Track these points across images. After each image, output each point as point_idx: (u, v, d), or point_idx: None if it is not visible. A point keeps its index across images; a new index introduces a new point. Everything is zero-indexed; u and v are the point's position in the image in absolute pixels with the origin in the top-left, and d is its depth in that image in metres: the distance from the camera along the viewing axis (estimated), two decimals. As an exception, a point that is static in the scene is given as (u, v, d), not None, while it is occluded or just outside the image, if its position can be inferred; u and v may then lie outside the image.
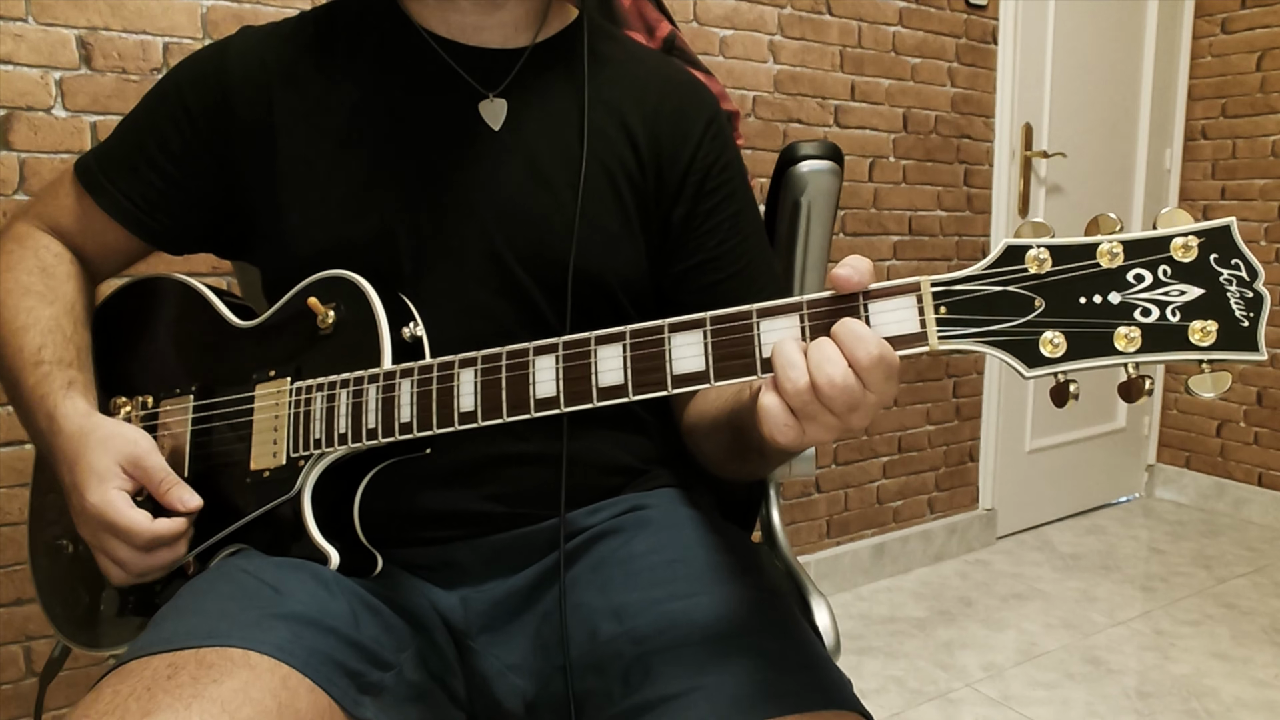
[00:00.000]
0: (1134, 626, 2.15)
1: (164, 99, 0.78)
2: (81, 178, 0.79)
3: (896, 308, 0.52)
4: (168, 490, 0.69)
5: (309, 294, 0.72)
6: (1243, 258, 0.48)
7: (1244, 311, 0.47)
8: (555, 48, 0.80)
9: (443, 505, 0.74)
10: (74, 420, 0.71)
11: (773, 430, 0.53)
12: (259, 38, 0.78)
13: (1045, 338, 0.49)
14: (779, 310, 0.54)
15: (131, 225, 0.79)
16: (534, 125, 0.77)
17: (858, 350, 0.50)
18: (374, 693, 0.62)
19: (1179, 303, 0.48)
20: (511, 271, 0.74)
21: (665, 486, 0.82)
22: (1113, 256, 0.49)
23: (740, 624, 0.66)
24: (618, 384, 0.58)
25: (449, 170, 0.75)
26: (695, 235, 0.80)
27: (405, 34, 0.77)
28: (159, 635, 0.59)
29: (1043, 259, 0.50)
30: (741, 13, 2.04)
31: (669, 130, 0.79)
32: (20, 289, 0.76)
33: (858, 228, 2.30)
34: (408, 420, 0.65)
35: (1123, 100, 2.80)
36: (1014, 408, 2.67)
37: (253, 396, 0.73)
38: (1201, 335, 0.47)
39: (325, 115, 0.75)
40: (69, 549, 0.80)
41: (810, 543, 2.33)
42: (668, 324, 0.57)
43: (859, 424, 0.53)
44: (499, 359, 0.62)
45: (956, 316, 0.51)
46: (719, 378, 0.55)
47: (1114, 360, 0.49)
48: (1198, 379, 0.48)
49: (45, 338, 0.74)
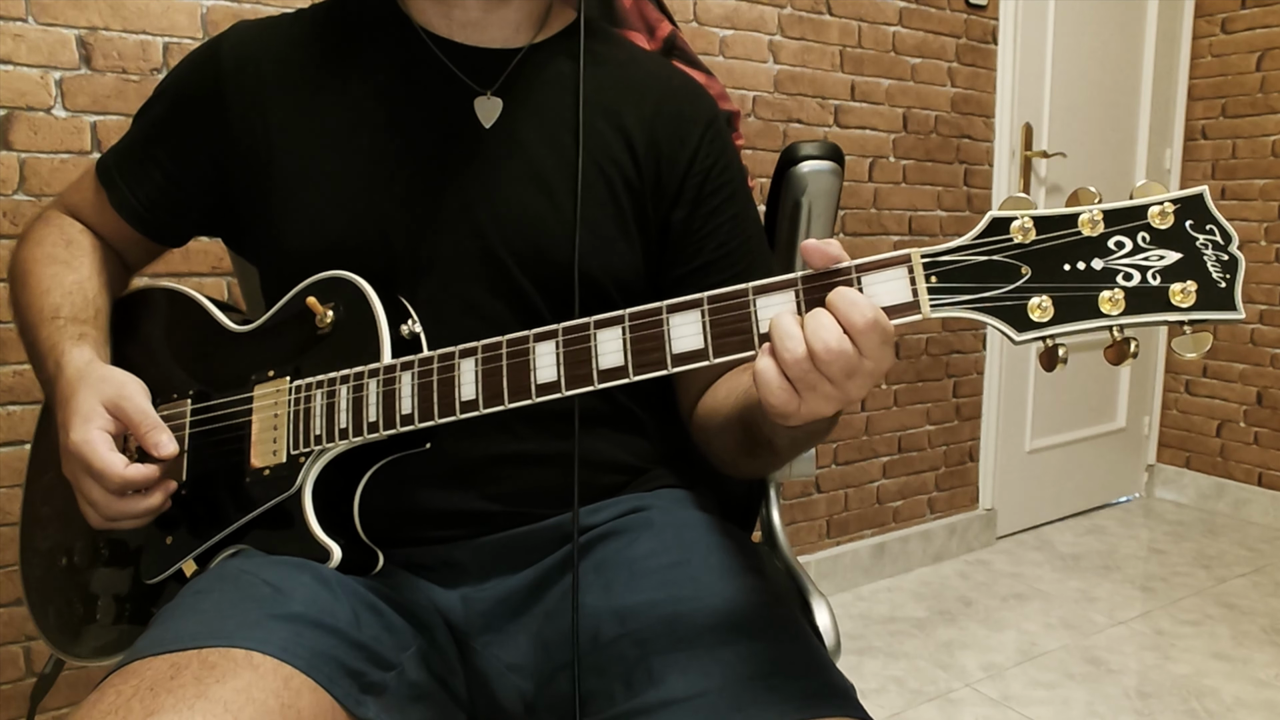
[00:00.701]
0: (1134, 626, 2.15)
1: (163, 94, 0.80)
2: (100, 174, 0.82)
3: (889, 279, 0.53)
4: (146, 432, 0.69)
5: (307, 295, 0.72)
6: (1216, 223, 0.49)
7: (1221, 273, 0.49)
8: (553, 48, 0.80)
9: (443, 505, 0.74)
10: (76, 364, 0.72)
11: (767, 395, 0.53)
12: (254, 32, 0.78)
13: (1033, 303, 0.51)
14: (774, 287, 0.55)
15: (135, 222, 0.81)
16: (529, 124, 0.77)
17: (852, 314, 0.51)
18: (376, 692, 0.62)
19: (1159, 266, 0.50)
20: (508, 272, 0.74)
21: (667, 487, 0.81)
22: (1094, 225, 0.50)
23: (744, 628, 0.66)
24: (618, 365, 0.58)
25: (443, 169, 0.75)
26: (695, 238, 0.80)
27: (403, 33, 0.77)
28: (161, 636, 0.59)
29: (1027, 229, 0.51)
30: (741, 13, 2.04)
31: (667, 134, 0.79)
32: (46, 258, 0.80)
33: (858, 228, 2.30)
34: (409, 411, 0.65)
35: (1123, 100, 2.80)
36: (1014, 408, 2.67)
37: (251, 397, 0.73)
38: (1182, 296, 0.49)
39: (319, 113, 0.75)
40: (62, 561, 0.80)
41: (810, 543, 2.33)
42: (665, 305, 0.58)
43: (857, 393, 0.53)
44: (499, 347, 0.62)
45: (947, 285, 0.52)
46: (718, 355, 0.56)
47: (1100, 323, 0.50)
48: (1180, 340, 0.50)
49: (64, 299, 0.77)
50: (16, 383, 1.40)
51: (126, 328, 0.82)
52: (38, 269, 0.79)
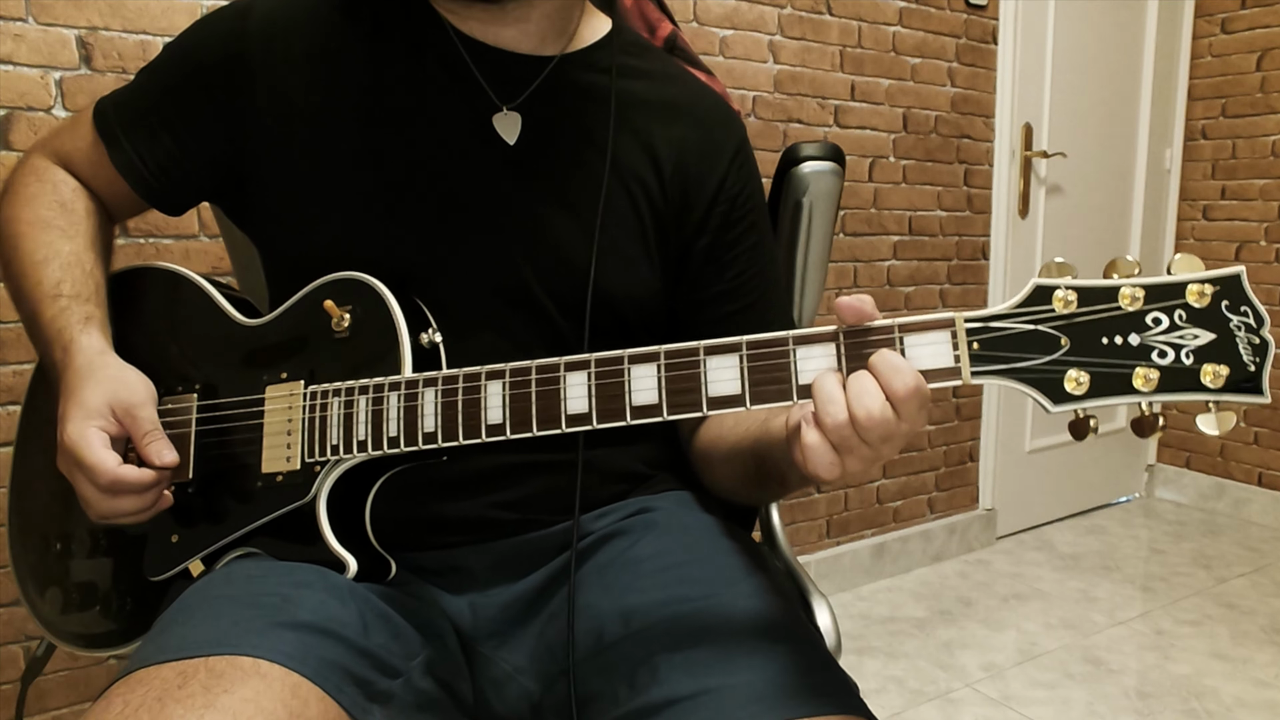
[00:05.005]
0: (1134, 626, 2.15)
1: (185, 56, 0.76)
2: (99, 125, 0.78)
3: (931, 342, 0.54)
4: (149, 443, 0.69)
5: (323, 295, 0.71)
6: (1251, 306, 0.51)
7: (1251, 357, 0.50)
8: (584, 61, 0.78)
9: (452, 512, 0.74)
10: (86, 355, 0.70)
11: (817, 468, 0.53)
12: (285, 7, 0.75)
13: (1070, 375, 0.52)
14: (815, 339, 0.55)
15: (137, 185, 0.78)
16: (552, 142, 0.75)
17: (895, 382, 0.51)
18: (383, 701, 0.62)
19: (1192, 346, 0.51)
20: (527, 287, 0.73)
21: (670, 489, 0.81)
22: (1134, 299, 0.52)
23: (747, 627, 0.66)
24: (652, 403, 0.58)
25: (464, 184, 0.73)
26: (716, 266, 0.79)
27: (429, 29, 0.75)
28: (167, 643, 0.58)
29: (1069, 300, 0.52)
30: (741, 13, 2.04)
31: (695, 158, 0.78)
32: (41, 223, 0.76)
33: (858, 228, 2.30)
34: (432, 430, 0.64)
35: (1123, 100, 2.80)
36: (1014, 408, 2.67)
37: (263, 399, 0.72)
38: (1213, 378, 0.50)
39: (342, 103, 0.74)
40: (56, 546, 0.79)
41: (810, 543, 2.33)
42: (703, 346, 0.57)
43: (889, 454, 0.54)
44: (528, 372, 0.62)
45: (988, 353, 0.53)
46: (755, 402, 0.56)
47: (1133, 399, 0.52)
48: (1205, 417, 0.52)
49: (64, 272, 0.74)
50: (16, 383, 1.40)
51: (129, 309, 0.80)
52: (31, 233, 0.75)
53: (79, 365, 0.70)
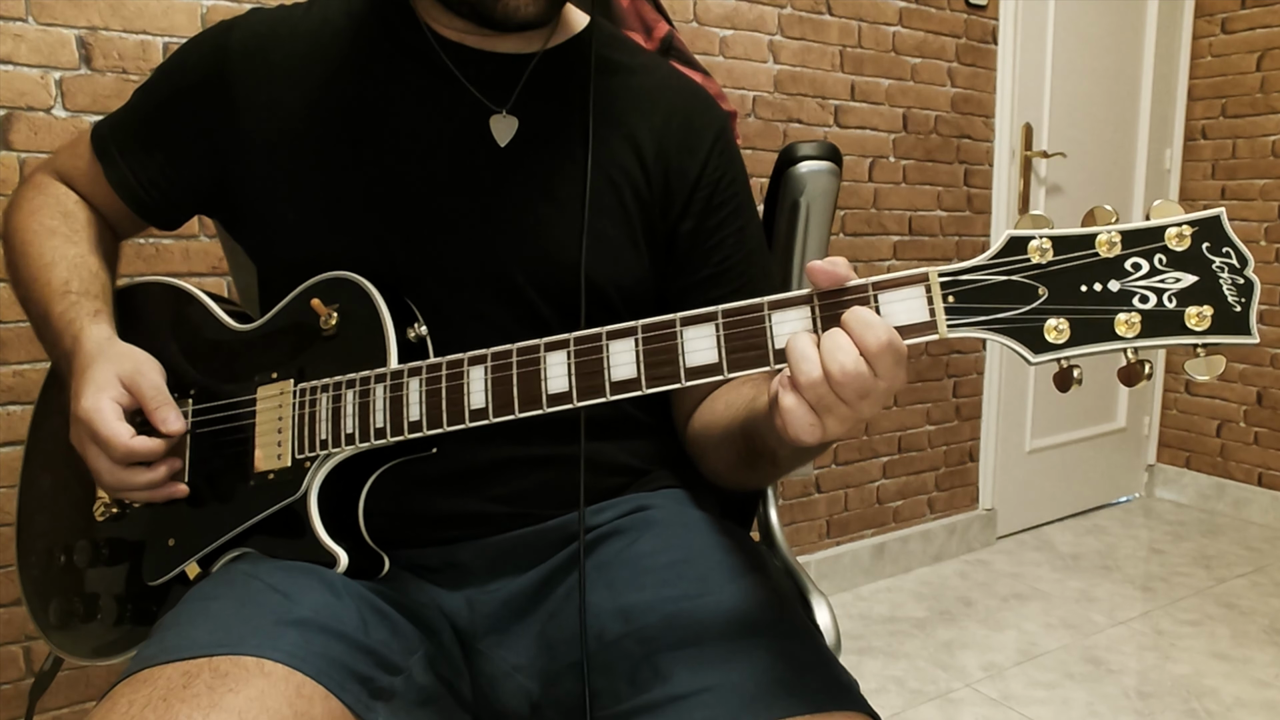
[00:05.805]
0: (1134, 626, 2.15)
1: (169, 76, 0.79)
2: (96, 146, 0.81)
3: (905, 298, 0.53)
4: (156, 409, 0.70)
5: (311, 295, 0.72)
6: (1233, 246, 0.50)
7: (1236, 297, 0.49)
8: (564, 56, 0.79)
9: (447, 507, 0.74)
10: (96, 340, 0.72)
11: (798, 431, 0.53)
12: (269, 23, 0.78)
13: (1049, 324, 0.51)
14: (790, 302, 0.55)
15: (131, 201, 0.81)
16: (541, 140, 0.76)
17: (867, 336, 0.51)
18: (385, 698, 0.62)
19: (1175, 289, 0.50)
20: (514, 279, 0.74)
21: (669, 487, 0.82)
22: (1111, 246, 0.50)
23: (748, 624, 0.66)
24: (631, 378, 0.58)
25: (453, 185, 0.74)
26: (701, 250, 0.80)
27: (415, 37, 0.76)
28: (170, 643, 0.58)
29: (1045, 249, 0.51)
30: (741, 13, 2.04)
31: (677, 144, 0.79)
32: (46, 230, 0.79)
33: (858, 228, 2.30)
34: (417, 419, 0.65)
35: (1123, 100, 2.80)
36: (1014, 408, 2.67)
37: (254, 399, 0.72)
38: (1197, 320, 0.49)
39: (326, 112, 0.75)
40: (62, 558, 0.79)
41: (810, 543, 2.33)
42: (679, 318, 0.57)
43: (869, 412, 0.53)
44: (509, 355, 0.62)
45: (963, 305, 0.52)
46: (732, 369, 0.56)
47: (1115, 345, 0.50)
48: (1194, 362, 0.50)
49: (71, 272, 0.77)
50: (16, 383, 1.40)
51: (127, 322, 0.82)
52: (37, 240, 0.78)
53: (89, 349, 0.71)
